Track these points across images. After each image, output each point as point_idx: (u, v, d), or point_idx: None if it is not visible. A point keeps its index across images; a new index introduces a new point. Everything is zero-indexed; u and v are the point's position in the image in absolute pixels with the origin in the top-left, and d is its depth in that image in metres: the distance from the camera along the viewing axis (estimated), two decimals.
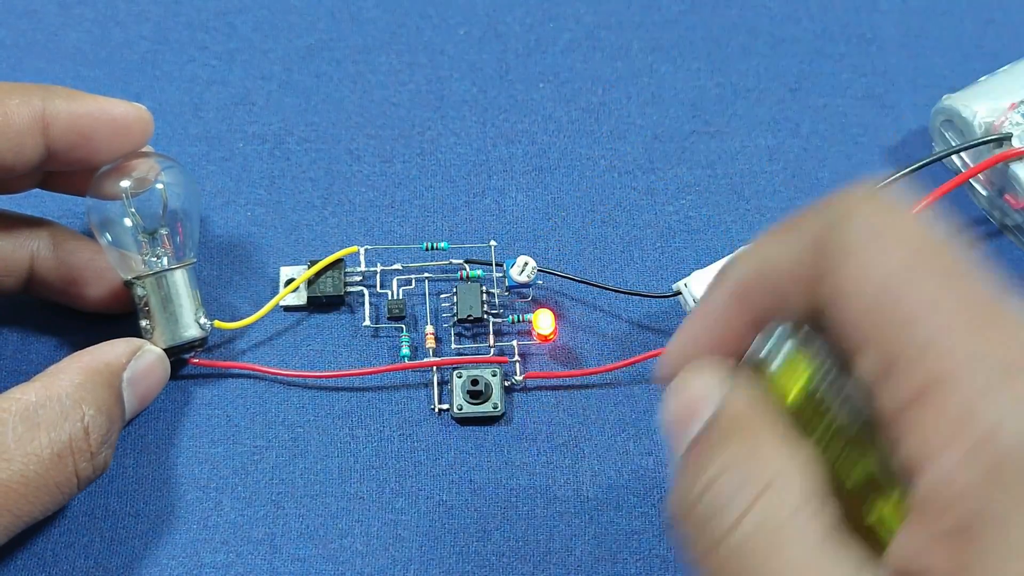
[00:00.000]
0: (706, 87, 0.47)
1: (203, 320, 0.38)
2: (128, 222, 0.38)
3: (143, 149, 0.39)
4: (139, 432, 0.39)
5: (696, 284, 0.39)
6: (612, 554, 0.37)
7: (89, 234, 0.39)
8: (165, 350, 0.38)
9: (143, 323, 0.38)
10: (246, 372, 0.40)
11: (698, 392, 0.25)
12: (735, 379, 0.24)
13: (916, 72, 0.48)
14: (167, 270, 0.38)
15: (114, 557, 0.37)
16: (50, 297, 0.39)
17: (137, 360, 0.36)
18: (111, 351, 0.36)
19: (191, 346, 0.39)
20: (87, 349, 0.36)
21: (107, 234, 0.38)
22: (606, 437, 0.39)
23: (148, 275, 0.38)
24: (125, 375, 0.35)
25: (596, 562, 0.37)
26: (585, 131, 0.46)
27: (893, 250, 0.21)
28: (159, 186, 0.39)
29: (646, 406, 0.40)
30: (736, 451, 0.23)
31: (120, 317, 0.40)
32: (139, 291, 0.38)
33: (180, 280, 0.38)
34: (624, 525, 0.38)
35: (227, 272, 0.42)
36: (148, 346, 0.37)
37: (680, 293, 0.40)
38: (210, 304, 0.41)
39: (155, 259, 0.38)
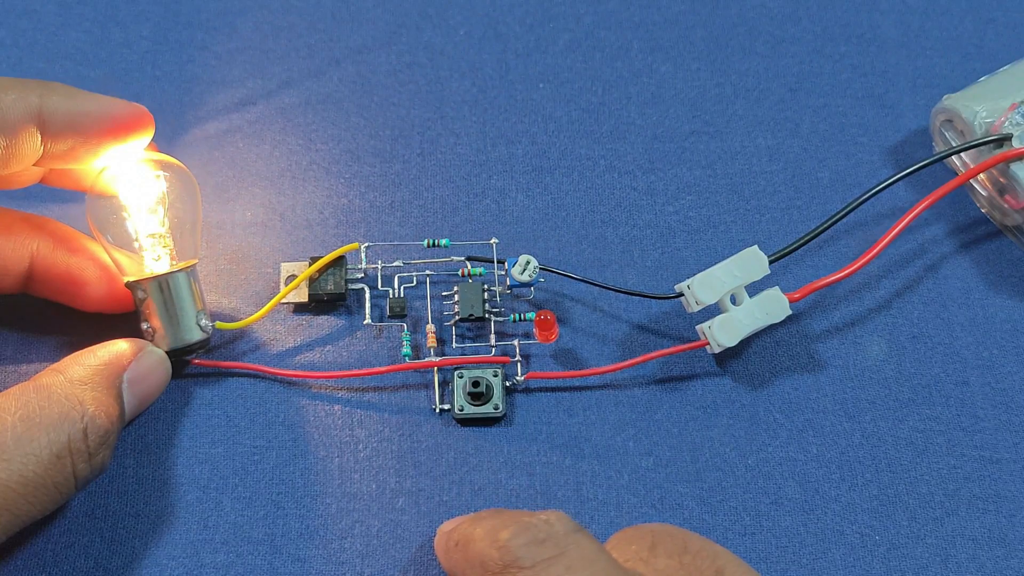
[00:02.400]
0: (706, 87, 0.48)
1: (204, 322, 0.38)
2: (128, 224, 0.38)
3: (144, 149, 0.39)
4: (139, 432, 0.39)
5: (699, 286, 0.39)
6: None
7: (90, 233, 0.39)
8: (167, 352, 0.38)
9: (144, 326, 0.38)
10: (247, 372, 0.40)
11: None
12: None
13: (916, 72, 0.48)
14: (169, 273, 0.38)
15: (114, 557, 0.37)
16: (50, 297, 0.39)
17: (139, 361, 0.36)
18: (113, 351, 0.36)
19: (193, 348, 0.39)
20: (88, 349, 0.36)
21: (107, 235, 0.38)
22: (606, 437, 0.39)
23: (150, 278, 0.38)
24: (126, 376, 0.35)
25: None
26: (585, 131, 0.46)
27: None
28: (160, 187, 0.39)
29: (646, 406, 0.40)
30: None
31: (120, 317, 0.40)
32: (140, 294, 0.38)
33: (182, 282, 0.38)
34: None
35: (228, 272, 0.42)
36: (150, 347, 0.37)
37: (682, 295, 0.40)
38: (211, 304, 0.41)
39: (156, 260, 0.38)
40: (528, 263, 0.40)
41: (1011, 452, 0.40)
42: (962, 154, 0.44)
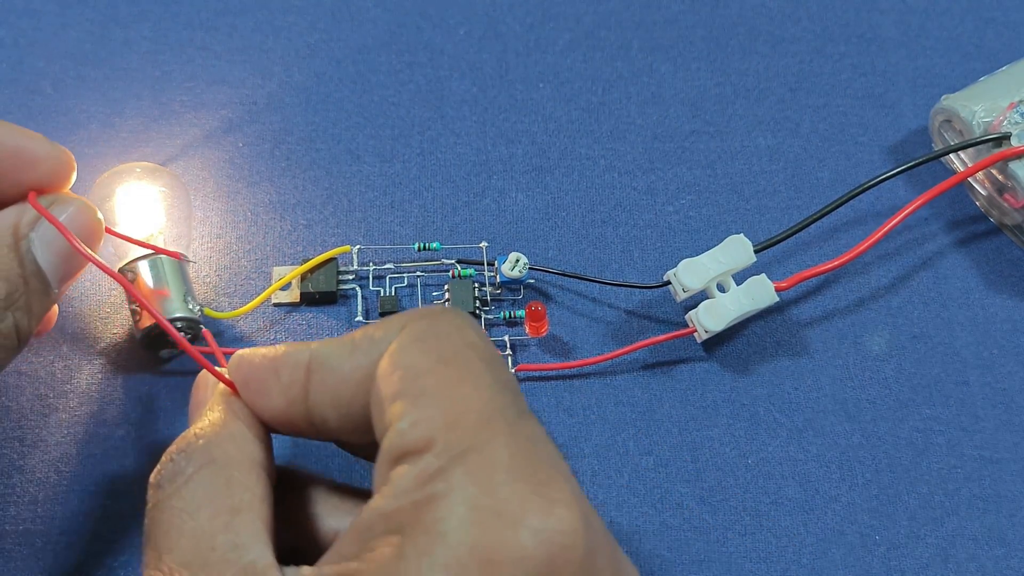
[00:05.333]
0: (706, 87, 0.48)
1: (193, 305, 0.38)
2: (121, 229, 0.39)
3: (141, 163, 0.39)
4: (139, 432, 0.39)
5: (684, 272, 0.39)
6: None
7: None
8: (154, 330, 0.38)
9: (132, 307, 0.38)
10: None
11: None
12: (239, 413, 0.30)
13: (916, 72, 0.48)
14: (158, 253, 0.38)
15: (114, 557, 0.37)
16: None
17: (49, 214, 0.32)
18: (9, 212, 0.32)
19: (181, 328, 0.38)
20: None
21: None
22: (606, 437, 0.39)
23: (140, 258, 0.38)
24: (33, 234, 0.31)
25: None
26: (585, 131, 0.46)
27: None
28: (157, 201, 0.39)
29: (646, 406, 0.40)
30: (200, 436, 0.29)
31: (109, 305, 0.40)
32: (129, 276, 0.38)
33: (172, 264, 0.38)
34: (624, 525, 0.38)
35: (226, 273, 0.42)
36: (63, 196, 0.32)
37: (669, 283, 0.40)
38: (207, 302, 0.41)
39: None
40: (518, 260, 0.41)
41: (1011, 452, 0.40)
42: (961, 153, 0.44)
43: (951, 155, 0.44)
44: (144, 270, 0.38)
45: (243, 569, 0.26)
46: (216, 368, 0.31)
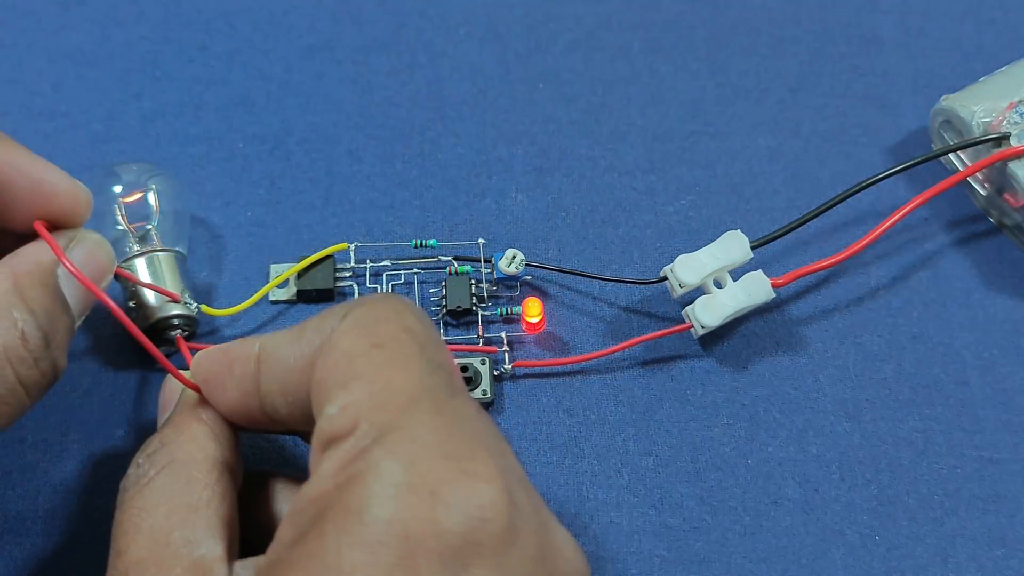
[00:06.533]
0: (706, 87, 0.48)
1: (190, 301, 0.38)
2: (119, 226, 0.39)
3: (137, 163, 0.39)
4: (140, 433, 0.39)
5: (681, 268, 0.39)
6: (612, 554, 0.37)
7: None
8: (151, 327, 0.38)
9: (130, 304, 0.38)
10: None
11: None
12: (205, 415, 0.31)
13: (916, 72, 0.48)
14: (154, 251, 0.38)
15: None
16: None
17: (70, 252, 0.32)
18: (39, 249, 0.32)
19: (178, 324, 0.38)
20: (13, 252, 0.32)
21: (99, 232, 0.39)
22: (606, 437, 0.39)
23: (136, 255, 0.38)
24: (59, 271, 0.32)
25: (596, 562, 0.37)
26: (585, 131, 0.46)
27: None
28: (150, 191, 0.39)
29: (646, 406, 0.40)
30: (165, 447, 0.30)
31: None
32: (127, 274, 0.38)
33: (169, 261, 0.38)
34: (624, 525, 0.38)
35: (226, 272, 0.42)
36: (81, 233, 0.33)
37: (666, 278, 0.40)
38: (207, 301, 0.41)
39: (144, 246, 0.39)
40: (515, 256, 0.41)
41: (1011, 452, 0.40)
42: (961, 154, 0.44)
43: (951, 155, 0.44)
44: (140, 267, 0.38)
45: (193, 563, 0.27)
46: (180, 372, 0.31)
